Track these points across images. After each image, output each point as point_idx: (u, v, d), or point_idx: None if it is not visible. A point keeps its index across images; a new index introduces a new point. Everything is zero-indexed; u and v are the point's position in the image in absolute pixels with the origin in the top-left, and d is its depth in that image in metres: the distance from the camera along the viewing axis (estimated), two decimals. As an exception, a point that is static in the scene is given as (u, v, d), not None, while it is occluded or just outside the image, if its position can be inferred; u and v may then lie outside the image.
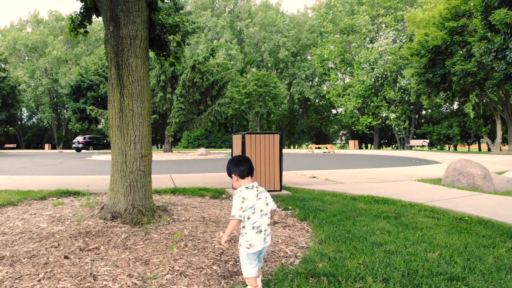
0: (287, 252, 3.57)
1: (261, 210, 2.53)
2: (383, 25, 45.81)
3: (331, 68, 49.30)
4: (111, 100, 4.20)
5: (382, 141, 53.55)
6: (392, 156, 23.83)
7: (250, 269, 2.53)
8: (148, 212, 4.17)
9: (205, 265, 3.13)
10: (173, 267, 3.04)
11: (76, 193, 6.01)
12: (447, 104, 40.40)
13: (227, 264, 3.20)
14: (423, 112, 47.54)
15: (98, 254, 3.21)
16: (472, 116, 34.74)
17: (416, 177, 9.20)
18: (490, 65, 16.76)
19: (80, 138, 36.04)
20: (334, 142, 64.40)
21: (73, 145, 36.04)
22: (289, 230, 4.33)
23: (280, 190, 6.31)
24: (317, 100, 55.99)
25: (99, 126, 47.32)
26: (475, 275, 2.86)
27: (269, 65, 52.35)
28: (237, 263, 3.20)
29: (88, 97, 40.43)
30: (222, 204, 5.55)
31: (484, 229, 4.14)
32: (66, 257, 3.10)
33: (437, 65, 24.05)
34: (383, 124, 45.06)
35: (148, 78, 4.32)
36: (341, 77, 49.22)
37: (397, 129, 42.19)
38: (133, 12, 4.03)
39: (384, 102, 42.56)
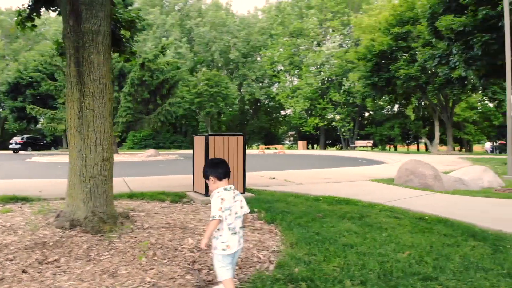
0: (260, 257, 3.49)
1: (236, 213, 2.55)
2: (330, 29, 47.27)
3: (281, 70, 50.04)
4: (69, 99, 3.90)
5: (327, 142, 55.18)
6: (340, 156, 24.63)
7: (225, 271, 2.51)
8: (110, 219, 3.92)
9: (177, 275, 2.98)
10: (144, 278, 2.87)
11: (24, 199, 5.53)
12: (389, 106, 42.45)
13: (200, 273, 3.08)
14: (366, 114, 49.58)
15: (59, 267, 2.95)
16: (412, 118, 36.84)
17: (368, 177, 9.52)
18: (434, 70, 17.86)
19: (17, 139, 33.59)
20: (282, 142, 65.39)
21: (10, 146, 33.48)
22: (258, 233, 4.27)
23: (244, 193, 6.22)
24: (267, 101, 56.55)
25: (38, 126, 44.48)
26: (446, 274, 2.96)
27: (220, 65, 52.06)
28: (211, 272, 3.08)
29: (27, 95, 37.80)
30: (184, 209, 5.37)
31: (444, 228, 4.33)
32: (24, 271, 2.81)
33: (382, 69, 25.22)
34: (329, 126, 46.50)
35: (110, 77, 4.07)
36: (290, 79, 50.12)
37: (342, 130, 43.69)
38: (96, 5, 3.76)
39: (330, 104, 43.91)
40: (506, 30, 9.54)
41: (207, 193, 5.88)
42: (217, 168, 2.62)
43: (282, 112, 59.86)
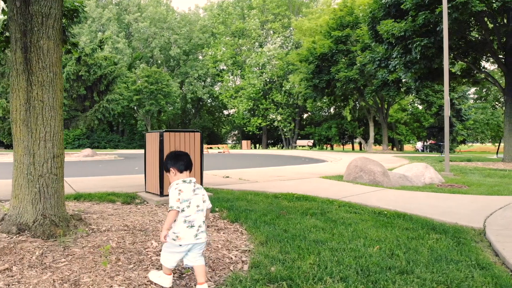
0: (231, 258, 3.34)
1: (197, 206, 2.53)
2: (271, 31, 47.96)
3: (223, 69, 49.84)
4: (15, 89, 3.46)
5: (268, 141, 55.94)
6: (284, 155, 25.00)
7: (169, 258, 2.54)
8: (62, 222, 3.54)
9: (147, 281, 2.74)
10: (111, 286, 2.60)
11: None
12: (327, 107, 43.97)
13: (173, 277, 2.86)
14: (305, 115, 50.93)
15: (12, 276, 2.59)
16: (349, 119, 38.45)
17: (318, 174, 9.69)
18: (374, 73, 18.76)
19: None
20: (225, 142, 65.19)
21: None
22: (223, 233, 4.11)
23: (200, 192, 5.99)
24: (209, 101, 56.01)
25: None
26: (420, 267, 3.01)
27: (159, 61, 50.58)
28: (183, 275, 2.88)
29: None
30: (139, 210, 5.04)
31: (404, 222, 4.46)
32: (-33, 286, 2.42)
33: (323, 72, 25.99)
34: (271, 126, 47.15)
35: (61, 65, 3.68)
36: (233, 79, 50.09)
37: (284, 130, 44.52)
38: (47, -16, 3.37)
39: (272, 104, 44.52)
40: (444, 33, 10.18)
41: (162, 193, 5.59)
42: (178, 160, 2.59)
43: (225, 112, 59.69)
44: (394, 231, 4.07)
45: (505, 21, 13.96)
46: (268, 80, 44.85)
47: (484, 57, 15.45)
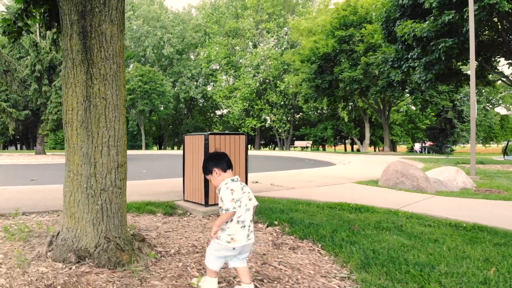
0: (336, 288, 2.78)
1: (246, 205, 2.43)
2: (264, 31, 47.43)
3: (217, 69, 49.11)
4: (70, 83, 2.84)
5: (261, 142, 55.40)
6: (285, 157, 24.47)
7: (216, 260, 2.42)
8: (127, 245, 2.93)
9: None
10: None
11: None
12: (327, 108, 43.59)
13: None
14: (297, 115, 50.47)
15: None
16: (346, 119, 38.16)
17: (345, 178, 9.18)
18: (387, 73, 18.39)
19: None
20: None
21: None
22: (301, 253, 3.55)
23: (245, 201, 5.41)
24: (202, 101, 55.20)
25: None
26: None
27: (150, 60, 49.57)
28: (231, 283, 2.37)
29: None
30: (190, 223, 4.43)
31: (491, 236, 4.04)
32: None
33: (325, 72, 25.54)
34: (266, 126, 46.61)
35: (124, 55, 3.07)
36: (227, 79, 49.37)
37: (280, 130, 44.02)
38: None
39: (267, 105, 43.99)
40: (471, 34, 9.78)
41: (207, 202, 4.99)
42: (220, 160, 2.49)
43: (218, 112, 58.95)
44: (489, 248, 3.59)
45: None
46: (262, 80, 44.30)
47: (497, 57, 15.17)
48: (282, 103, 43.64)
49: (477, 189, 8.34)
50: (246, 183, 5.43)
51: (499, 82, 15.33)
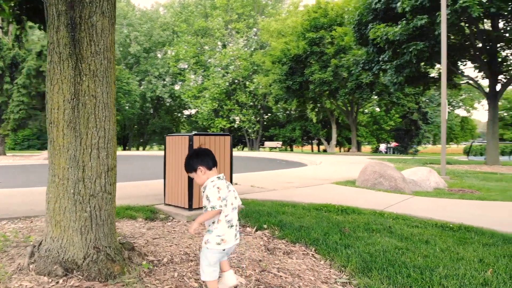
0: (340, 295, 2.70)
1: (231, 204, 2.35)
2: (234, 31, 47.22)
3: (185, 68, 48.40)
4: (56, 79, 2.60)
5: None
6: (256, 158, 24.39)
7: (213, 272, 2.31)
8: (118, 255, 2.72)
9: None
10: None
11: None
12: (296, 109, 43.94)
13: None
14: (266, 116, 50.60)
15: None
16: (315, 120, 38.63)
17: (322, 179, 9.19)
18: (358, 75, 18.68)
19: None
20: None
21: None
22: (296, 258, 3.46)
23: (230, 204, 5.25)
24: (168, 100, 54.23)
25: None
26: None
27: (115, 58, 48.17)
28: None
29: None
30: (176, 229, 4.23)
31: (478, 236, 4.12)
32: None
33: (296, 73, 25.69)
34: (235, 127, 46.41)
35: (115, 50, 2.86)
36: (195, 78, 48.76)
37: (249, 131, 43.96)
38: None
39: (237, 105, 43.82)
40: (442, 37, 10.07)
41: (191, 206, 4.80)
42: (205, 157, 2.39)
43: (186, 112, 58.11)
44: (480, 248, 3.65)
45: (485, 26, 14.29)
46: (232, 80, 44.08)
47: (463, 61, 15.75)
48: (252, 103, 43.62)
49: (450, 189, 8.57)
50: (231, 180, 5.28)
51: (464, 84, 15.93)
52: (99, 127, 2.64)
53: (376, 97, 27.39)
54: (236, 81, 44.40)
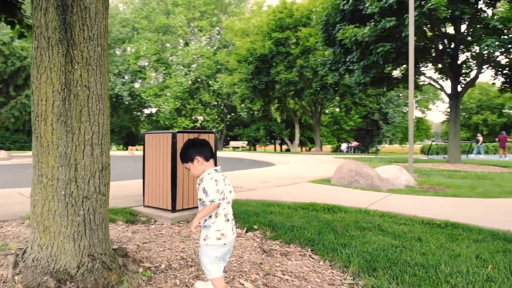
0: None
1: (227, 197, 2.28)
2: (195, 29, 46.57)
3: (146, 66, 47.15)
4: (44, 67, 2.31)
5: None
6: (223, 157, 24.03)
7: (217, 268, 2.21)
8: (114, 263, 2.47)
9: None
10: None
11: None
12: (256, 109, 43.99)
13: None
14: (229, 116, 50.36)
15: None
16: (279, 120, 38.85)
17: (301, 178, 9.15)
18: (321, 75, 18.89)
19: None
20: (141, 143, 61.82)
21: None
22: (295, 260, 3.35)
23: (214, 204, 5.04)
24: (128, 98, 52.63)
25: None
26: None
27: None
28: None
29: None
30: (163, 232, 3.98)
31: (466, 232, 4.19)
32: None
33: (262, 73, 25.66)
34: (198, 126, 45.80)
35: (108, 38, 2.60)
36: (156, 76, 47.62)
37: (214, 130, 43.52)
38: None
39: (200, 105, 43.26)
40: (410, 39, 10.33)
41: (174, 207, 4.55)
42: (203, 147, 2.28)
43: (146, 111, 56.61)
44: (473, 245, 3.72)
45: (446, 29, 14.87)
46: (195, 79, 43.44)
47: (425, 63, 16.31)
48: (216, 103, 43.21)
49: (420, 187, 8.77)
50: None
51: (424, 86, 16.52)
52: (92, 121, 2.38)
53: (338, 98, 27.85)
54: (199, 79, 43.81)
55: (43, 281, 2.18)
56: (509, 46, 11.15)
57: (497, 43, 11.01)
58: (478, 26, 12.95)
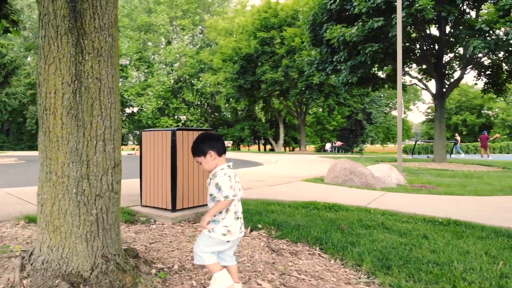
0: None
1: (237, 194, 2.23)
2: (178, 28, 46.16)
3: (127, 65, 46.45)
4: (52, 58, 2.17)
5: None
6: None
7: (210, 256, 2.17)
8: (127, 264, 2.35)
9: None
10: None
11: None
12: (240, 108, 43.88)
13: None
14: (213, 116, 50.10)
15: None
16: (264, 120, 38.83)
17: (289, 177, 9.11)
18: (306, 75, 18.91)
19: None
20: (124, 143, 60.92)
21: None
22: (305, 259, 3.28)
23: (213, 203, 4.93)
24: (109, 98, 51.60)
25: None
26: None
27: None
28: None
29: None
30: (166, 232, 3.85)
31: (469, 230, 4.19)
32: None
33: (247, 72, 25.57)
34: (183, 126, 45.40)
35: (118, 28, 2.47)
36: (138, 75, 46.98)
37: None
38: None
39: (184, 104, 42.89)
40: (398, 39, 10.42)
41: (174, 207, 4.43)
42: (217, 142, 2.26)
43: (128, 110, 55.77)
44: (479, 242, 3.74)
45: (430, 31, 15.09)
46: (178, 78, 43.03)
47: (409, 63, 16.52)
48: (199, 102, 42.89)
49: (412, 185, 8.83)
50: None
51: (411, 85, 16.75)
52: (104, 116, 2.25)
53: (322, 98, 28.00)
54: (182, 79, 43.42)
55: (55, 285, 2.05)
56: (495, 47, 11.37)
57: (483, 44, 11.22)
58: (462, 27, 13.20)
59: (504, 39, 11.41)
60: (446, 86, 14.67)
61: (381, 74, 17.89)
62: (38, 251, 2.23)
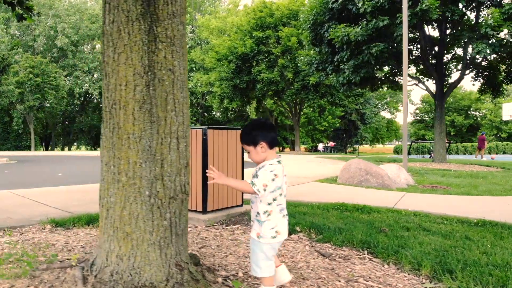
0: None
1: (284, 191, 2.08)
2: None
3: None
4: (123, 46, 1.97)
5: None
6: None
7: (269, 267, 2.03)
8: (198, 273, 2.16)
9: None
10: None
11: None
12: (232, 108, 43.63)
13: None
14: (205, 115, 49.77)
15: None
16: (256, 120, 38.67)
17: (299, 177, 8.96)
18: (302, 75, 18.82)
19: None
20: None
21: None
22: (359, 264, 3.10)
23: (242, 205, 4.76)
24: (98, 97, 50.96)
25: None
26: None
27: (38, 51, 44.05)
28: None
29: None
30: (206, 235, 3.66)
31: (509, 231, 4.06)
32: None
33: (243, 72, 25.38)
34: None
35: (186, 15, 2.28)
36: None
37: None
38: None
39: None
40: (404, 38, 10.38)
41: (205, 209, 4.24)
42: (271, 132, 2.04)
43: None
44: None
45: (429, 32, 15.15)
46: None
47: (408, 63, 16.55)
48: (190, 102, 42.55)
49: (423, 186, 8.77)
50: (242, 178, 4.81)
51: (410, 86, 16.85)
52: (178, 111, 2.06)
53: (318, 98, 28.00)
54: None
55: (129, 298, 1.85)
56: (499, 49, 11.44)
57: (488, 48, 11.29)
58: (462, 29, 13.28)
59: (507, 41, 11.49)
60: (447, 86, 14.75)
61: (378, 75, 17.90)
62: (103, 260, 2.02)
